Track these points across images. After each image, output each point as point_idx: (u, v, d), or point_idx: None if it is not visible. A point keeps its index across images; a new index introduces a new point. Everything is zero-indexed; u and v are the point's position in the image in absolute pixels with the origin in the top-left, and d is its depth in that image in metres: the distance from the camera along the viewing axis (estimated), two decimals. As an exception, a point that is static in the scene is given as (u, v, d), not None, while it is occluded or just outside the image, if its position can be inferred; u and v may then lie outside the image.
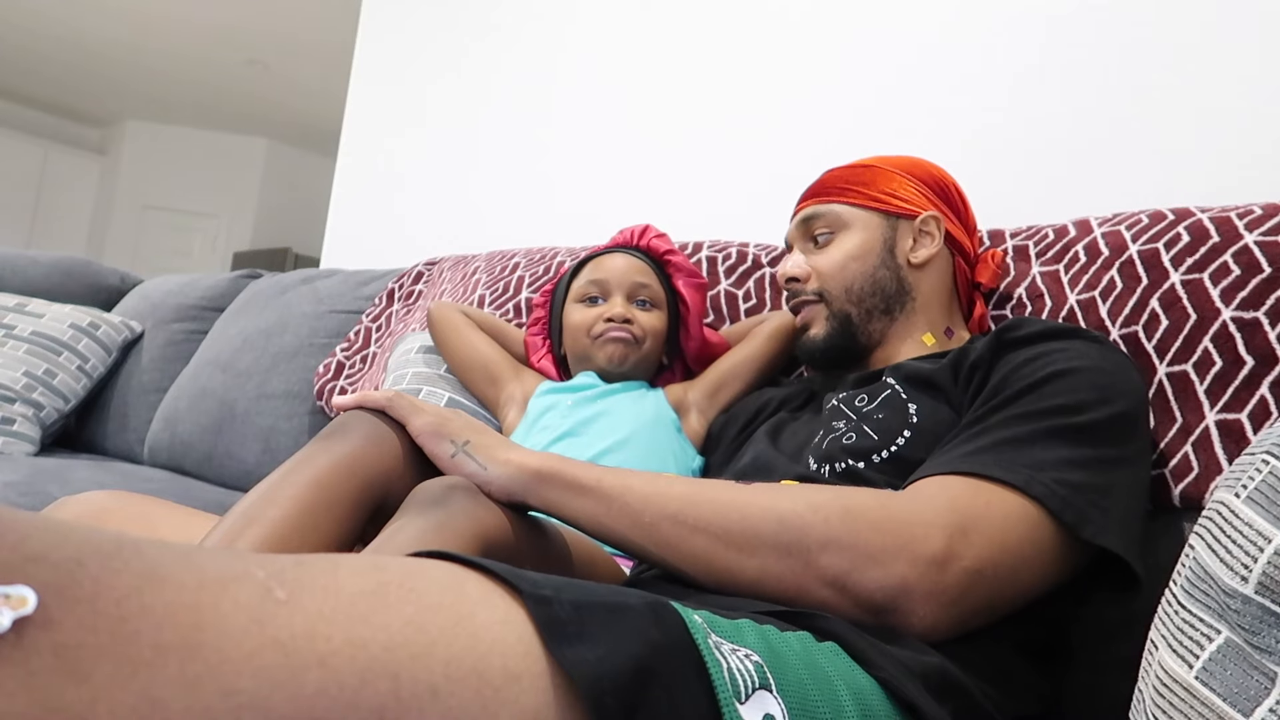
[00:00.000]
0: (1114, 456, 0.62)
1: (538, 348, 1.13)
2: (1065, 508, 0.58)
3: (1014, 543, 0.57)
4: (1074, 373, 0.66)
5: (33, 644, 0.25)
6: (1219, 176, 1.08)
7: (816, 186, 0.94)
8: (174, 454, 1.67)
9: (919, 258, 0.89)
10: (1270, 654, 0.36)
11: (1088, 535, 0.57)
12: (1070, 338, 0.72)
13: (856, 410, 0.79)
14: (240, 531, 0.56)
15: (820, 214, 0.92)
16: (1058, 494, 0.58)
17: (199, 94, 5.99)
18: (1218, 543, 0.39)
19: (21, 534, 0.27)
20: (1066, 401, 0.64)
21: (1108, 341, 0.73)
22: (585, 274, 1.07)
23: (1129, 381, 0.68)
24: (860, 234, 0.90)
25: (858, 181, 0.91)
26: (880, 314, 0.89)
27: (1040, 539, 0.58)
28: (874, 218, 0.90)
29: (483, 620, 0.37)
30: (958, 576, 0.55)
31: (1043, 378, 0.66)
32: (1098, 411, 0.64)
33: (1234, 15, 1.09)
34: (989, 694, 0.57)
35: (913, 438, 0.72)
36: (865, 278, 0.89)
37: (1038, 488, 0.58)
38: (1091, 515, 0.58)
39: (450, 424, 0.68)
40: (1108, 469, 0.61)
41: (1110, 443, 0.63)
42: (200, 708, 0.28)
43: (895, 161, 0.93)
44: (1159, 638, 0.43)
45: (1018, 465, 0.60)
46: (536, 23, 2.04)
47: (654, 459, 0.94)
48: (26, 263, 2.02)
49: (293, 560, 0.34)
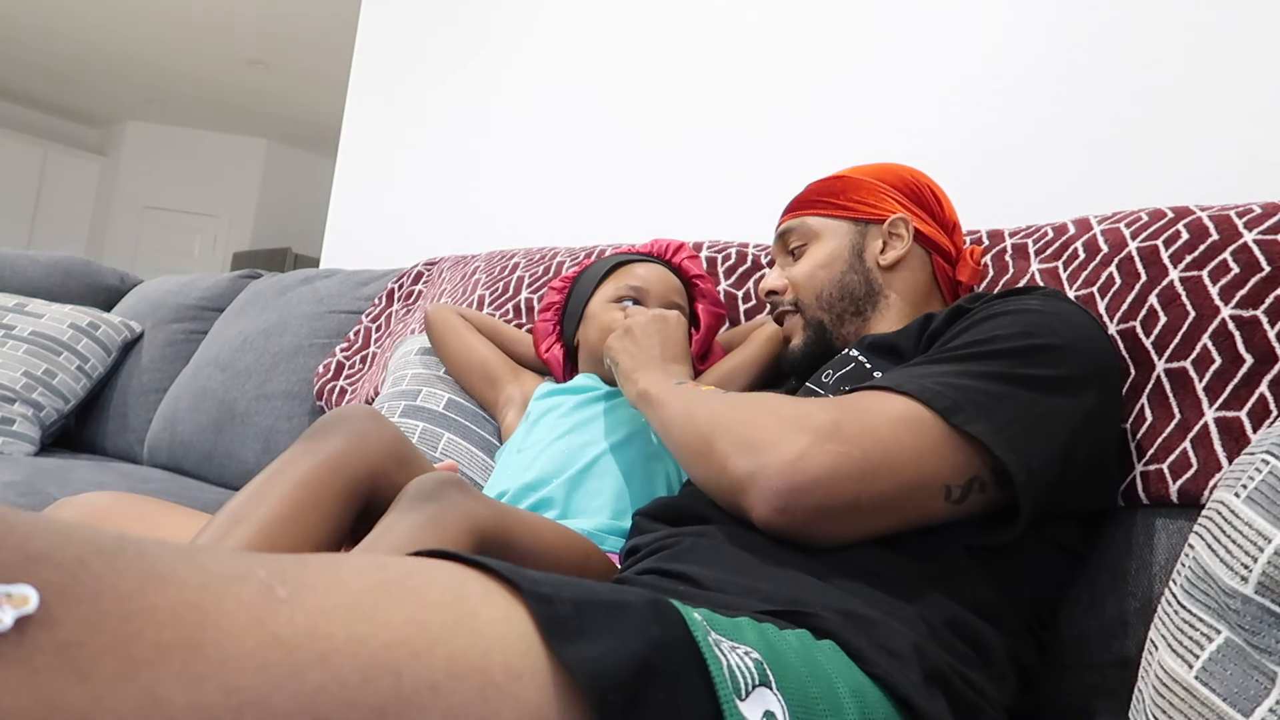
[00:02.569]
0: (1021, 375, 0.64)
1: (547, 334, 1.12)
2: (937, 398, 0.61)
3: (886, 431, 0.60)
4: (1003, 315, 0.69)
5: (35, 642, 0.25)
6: (1219, 176, 1.08)
7: (794, 202, 0.97)
8: (174, 454, 1.67)
9: (888, 259, 0.91)
10: (1270, 654, 0.36)
11: (957, 422, 0.60)
12: (1021, 295, 0.73)
13: (823, 385, 0.81)
14: (229, 531, 0.57)
15: (794, 228, 0.95)
16: (934, 390, 0.61)
17: (199, 94, 5.99)
18: (1218, 543, 0.39)
19: (24, 534, 0.27)
20: (982, 336, 0.67)
21: (1064, 296, 0.75)
22: (622, 277, 1.06)
23: (1070, 326, 0.69)
24: (829, 243, 0.92)
25: (828, 193, 0.94)
26: (852, 316, 0.91)
27: (918, 430, 0.60)
28: (842, 225, 0.93)
29: (484, 618, 0.37)
30: (820, 459, 0.59)
31: (972, 323, 0.69)
32: (1014, 342, 0.66)
33: (1234, 15, 1.09)
34: (983, 689, 0.57)
35: None
36: (834, 284, 0.91)
37: (915, 387, 0.62)
38: (965, 407, 0.60)
39: (613, 347, 0.91)
40: (1008, 384, 0.63)
41: (1020, 364, 0.64)
42: (202, 705, 0.28)
43: (866, 170, 0.96)
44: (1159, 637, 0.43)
45: (911, 379, 0.63)
46: (536, 23, 2.04)
47: (653, 461, 0.95)
48: (26, 263, 2.02)
49: (294, 559, 0.35)
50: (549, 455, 0.93)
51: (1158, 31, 1.15)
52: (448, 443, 1.10)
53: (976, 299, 0.76)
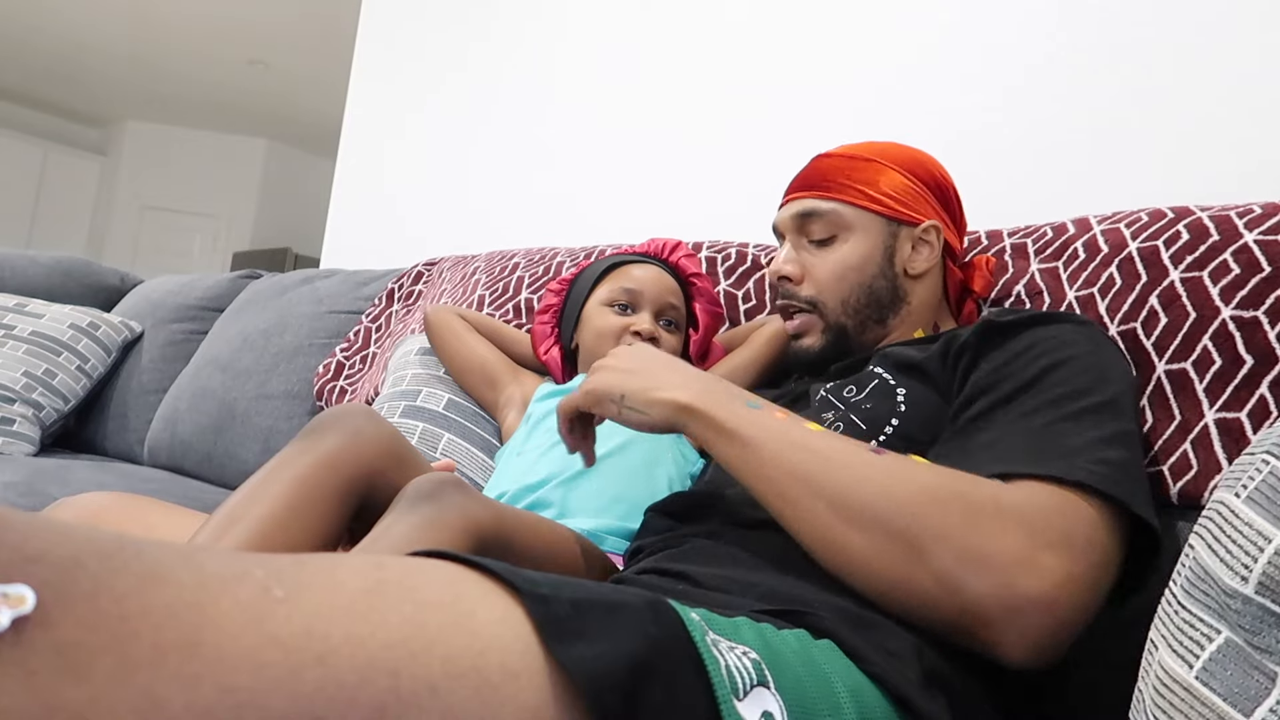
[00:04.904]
0: (1128, 430, 0.63)
1: (545, 336, 1.12)
2: (1112, 484, 0.57)
3: (1101, 537, 0.56)
4: (1068, 362, 0.67)
5: (32, 643, 0.25)
6: (1219, 177, 1.08)
7: (815, 176, 0.89)
8: (174, 454, 1.67)
9: (916, 268, 0.87)
10: (1270, 654, 0.36)
11: (1138, 509, 0.57)
12: (1057, 322, 0.72)
13: (844, 400, 0.78)
14: (226, 530, 0.57)
15: (820, 212, 0.87)
16: (1101, 474, 0.57)
17: (199, 94, 5.99)
18: (1218, 543, 0.39)
19: (21, 533, 0.27)
20: (1072, 389, 0.65)
21: (1092, 323, 0.74)
22: (617, 279, 1.06)
23: (1118, 363, 0.70)
24: (862, 241, 0.86)
25: (860, 178, 0.87)
26: (874, 323, 0.88)
27: (1113, 526, 0.57)
28: (876, 222, 0.87)
29: (482, 618, 0.37)
30: (1079, 587, 0.53)
31: (1041, 370, 0.67)
32: (1103, 392, 0.64)
33: (1234, 15, 1.09)
34: (981, 687, 0.57)
35: (900, 426, 0.72)
36: (862, 289, 0.86)
37: (1084, 474, 0.57)
38: (1134, 492, 0.58)
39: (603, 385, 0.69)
40: (1126, 448, 0.62)
41: (1121, 418, 0.64)
42: (200, 706, 0.28)
43: (899, 157, 0.89)
44: (1159, 638, 0.43)
45: (1063, 460, 0.58)
46: (536, 23, 2.04)
47: (654, 462, 0.94)
48: (26, 263, 2.02)
49: (292, 559, 0.35)
50: (549, 459, 0.93)
51: (1157, 32, 1.15)
52: (448, 443, 1.10)
53: (999, 315, 0.74)
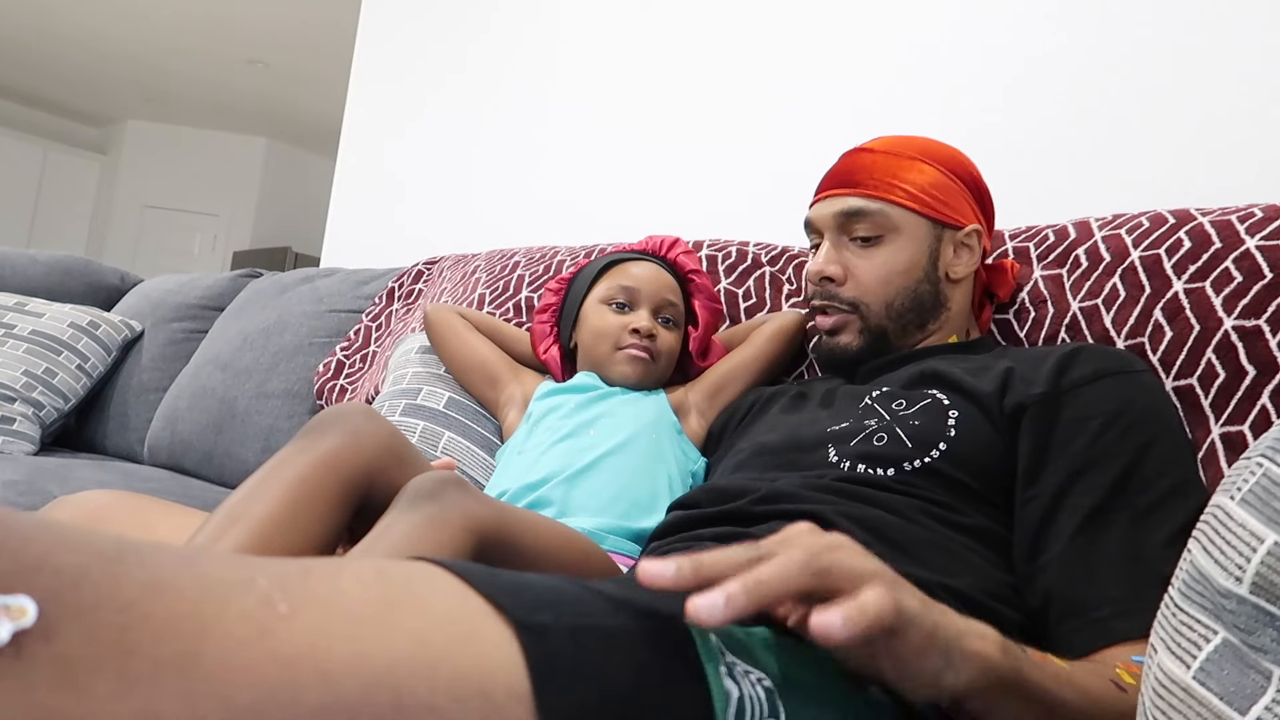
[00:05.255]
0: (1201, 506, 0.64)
1: (545, 335, 1.12)
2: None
3: None
4: (1160, 440, 0.68)
5: (32, 656, 0.25)
6: (1219, 177, 1.08)
7: (857, 172, 0.86)
8: (174, 453, 1.67)
9: (958, 273, 0.86)
10: (1265, 652, 0.36)
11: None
12: (1129, 373, 0.72)
13: (892, 413, 0.75)
14: (225, 529, 0.57)
15: (867, 211, 0.84)
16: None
17: (199, 93, 5.99)
18: (1212, 544, 0.39)
19: (22, 539, 0.27)
20: (1175, 481, 0.66)
21: (1151, 371, 0.76)
22: (614, 276, 1.06)
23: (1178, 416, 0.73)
24: (909, 244, 0.84)
25: (905, 178, 0.84)
26: (915, 328, 0.86)
27: None
28: (922, 225, 0.85)
29: (487, 636, 0.36)
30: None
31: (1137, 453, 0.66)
32: (1196, 482, 0.67)
33: (1234, 15, 1.10)
34: None
35: (948, 451, 0.70)
36: (908, 293, 0.85)
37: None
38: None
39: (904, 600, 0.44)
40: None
41: (1198, 493, 0.66)
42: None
43: (940, 155, 0.87)
44: (1158, 641, 0.43)
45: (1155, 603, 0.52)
46: (536, 23, 2.04)
47: (655, 461, 0.94)
48: (26, 262, 2.02)
49: (297, 566, 0.34)
50: (551, 458, 0.93)
51: (1157, 32, 1.15)
52: (448, 441, 1.10)
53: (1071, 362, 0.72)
